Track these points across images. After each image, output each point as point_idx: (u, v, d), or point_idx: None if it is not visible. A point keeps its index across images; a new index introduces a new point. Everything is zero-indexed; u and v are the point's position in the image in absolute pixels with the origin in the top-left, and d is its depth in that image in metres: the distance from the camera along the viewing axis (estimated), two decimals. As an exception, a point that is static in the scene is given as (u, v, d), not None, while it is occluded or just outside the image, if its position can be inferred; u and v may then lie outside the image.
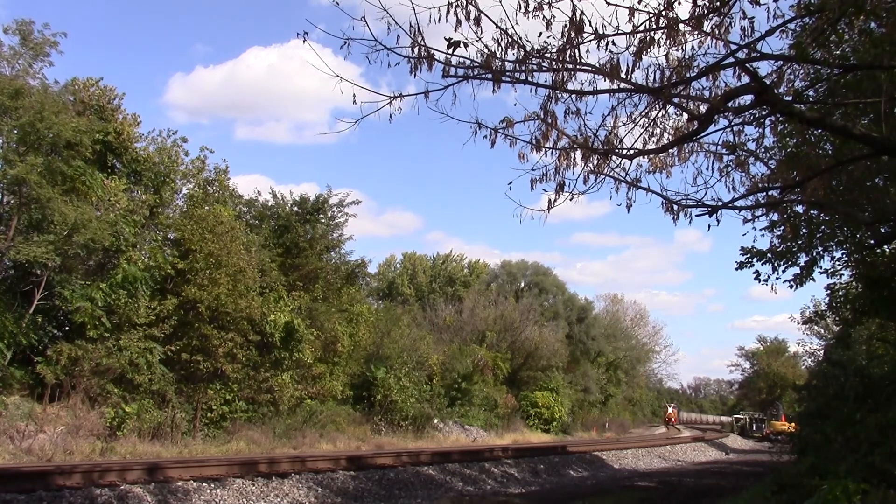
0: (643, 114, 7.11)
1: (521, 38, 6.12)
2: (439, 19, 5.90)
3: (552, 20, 6.07)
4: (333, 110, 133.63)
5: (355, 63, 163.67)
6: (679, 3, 6.05)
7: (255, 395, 23.64)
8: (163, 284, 22.18)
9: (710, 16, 6.19)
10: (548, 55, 6.24)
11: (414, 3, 5.58)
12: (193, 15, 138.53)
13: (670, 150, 7.28)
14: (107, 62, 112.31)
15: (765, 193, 8.67)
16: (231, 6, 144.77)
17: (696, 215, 7.76)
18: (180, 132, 46.57)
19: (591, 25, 6.08)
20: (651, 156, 7.33)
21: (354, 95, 6.00)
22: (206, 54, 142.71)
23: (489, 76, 6.16)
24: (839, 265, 15.92)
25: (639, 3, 6.01)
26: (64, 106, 19.77)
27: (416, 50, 6.00)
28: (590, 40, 6.14)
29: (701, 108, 6.79)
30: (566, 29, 6.08)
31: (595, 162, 7.10)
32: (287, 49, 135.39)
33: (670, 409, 70.36)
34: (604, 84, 6.53)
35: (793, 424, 34.75)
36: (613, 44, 6.16)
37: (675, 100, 6.78)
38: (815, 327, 34.30)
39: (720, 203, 7.75)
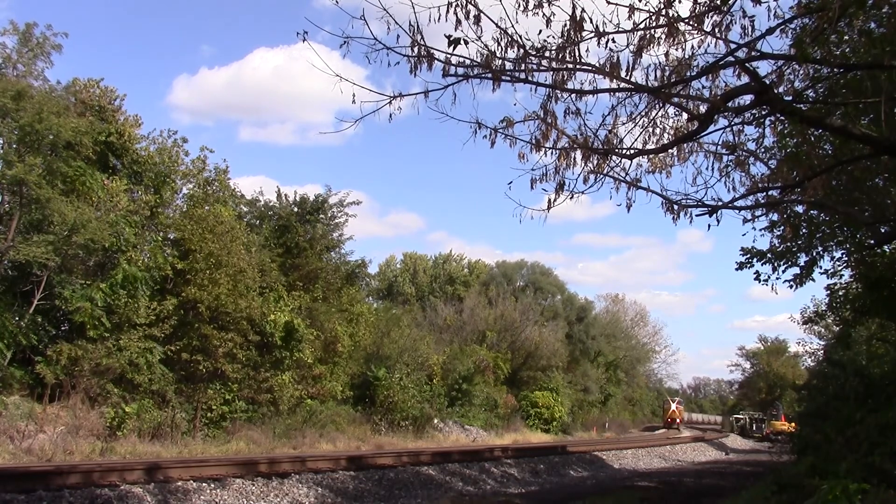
0: (643, 113, 7.11)
1: (520, 38, 6.12)
2: (439, 19, 5.90)
3: (552, 17, 6.07)
4: (338, 112, 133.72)
5: (361, 65, 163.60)
6: (679, 2, 6.05)
7: (255, 395, 23.64)
8: (163, 284, 22.17)
9: (711, 14, 6.18)
10: (548, 54, 6.24)
11: (414, 2, 5.58)
12: (199, 16, 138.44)
13: (670, 150, 7.27)
14: (111, 64, 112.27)
15: (765, 193, 8.66)
16: (237, 7, 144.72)
17: (696, 215, 7.76)
18: (184, 134, 46.72)
19: (591, 23, 6.08)
20: (651, 156, 7.34)
21: (354, 95, 6.00)
22: (211, 56, 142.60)
23: (489, 75, 6.16)
24: (839, 265, 15.97)
25: (639, 1, 6.00)
26: (64, 107, 19.78)
27: (415, 49, 5.99)
28: (590, 38, 6.13)
29: (701, 107, 6.79)
30: (566, 28, 6.08)
31: (595, 162, 7.10)
32: (293, 50, 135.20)
33: (673, 407, 57.98)
34: (604, 83, 6.52)
35: (793, 424, 34.77)
36: (613, 41, 6.16)
37: (675, 99, 6.77)
38: (816, 327, 34.31)
39: (720, 203, 7.75)
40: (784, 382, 63.11)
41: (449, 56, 6.04)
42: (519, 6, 6.05)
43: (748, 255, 15.27)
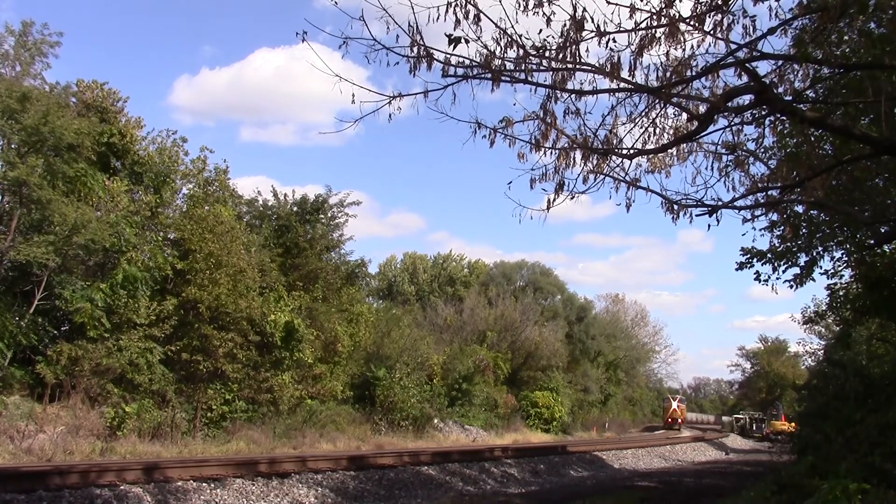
0: (643, 114, 7.10)
1: (520, 38, 6.11)
2: (438, 19, 5.89)
3: (552, 17, 6.06)
4: (339, 112, 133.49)
5: (362, 66, 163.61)
6: (680, 1, 6.05)
7: (255, 395, 23.63)
8: (163, 285, 22.17)
9: (712, 14, 6.17)
10: (547, 54, 6.23)
11: (413, 2, 5.57)
12: (200, 17, 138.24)
13: (670, 150, 7.27)
14: (112, 64, 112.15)
15: (764, 193, 8.66)
16: (238, 8, 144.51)
17: (696, 215, 7.77)
18: (185, 134, 46.63)
19: (592, 22, 6.07)
20: (651, 156, 7.33)
21: (354, 95, 6.00)
22: (212, 56, 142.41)
23: (489, 76, 6.15)
24: (839, 265, 15.95)
25: (640, 0, 6.00)
26: (65, 105, 19.77)
27: (415, 49, 5.99)
28: (590, 38, 6.13)
29: (701, 107, 6.78)
30: (566, 28, 6.08)
31: (594, 162, 7.10)
32: (294, 51, 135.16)
33: (675, 405, 54.55)
34: (604, 83, 6.52)
35: (793, 424, 34.77)
36: (614, 41, 6.15)
37: (675, 99, 6.77)
38: (816, 327, 34.33)
39: (720, 203, 7.75)
40: (784, 382, 63.13)
41: (448, 56, 6.04)
42: (519, 6, 6.04)
43: (748, 255, 15.27)
